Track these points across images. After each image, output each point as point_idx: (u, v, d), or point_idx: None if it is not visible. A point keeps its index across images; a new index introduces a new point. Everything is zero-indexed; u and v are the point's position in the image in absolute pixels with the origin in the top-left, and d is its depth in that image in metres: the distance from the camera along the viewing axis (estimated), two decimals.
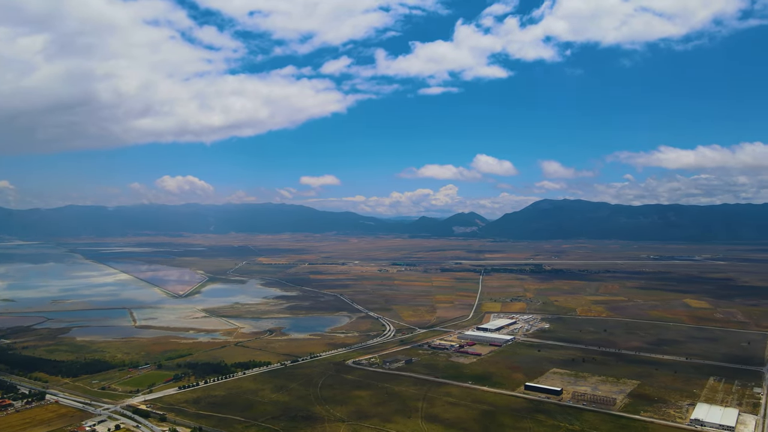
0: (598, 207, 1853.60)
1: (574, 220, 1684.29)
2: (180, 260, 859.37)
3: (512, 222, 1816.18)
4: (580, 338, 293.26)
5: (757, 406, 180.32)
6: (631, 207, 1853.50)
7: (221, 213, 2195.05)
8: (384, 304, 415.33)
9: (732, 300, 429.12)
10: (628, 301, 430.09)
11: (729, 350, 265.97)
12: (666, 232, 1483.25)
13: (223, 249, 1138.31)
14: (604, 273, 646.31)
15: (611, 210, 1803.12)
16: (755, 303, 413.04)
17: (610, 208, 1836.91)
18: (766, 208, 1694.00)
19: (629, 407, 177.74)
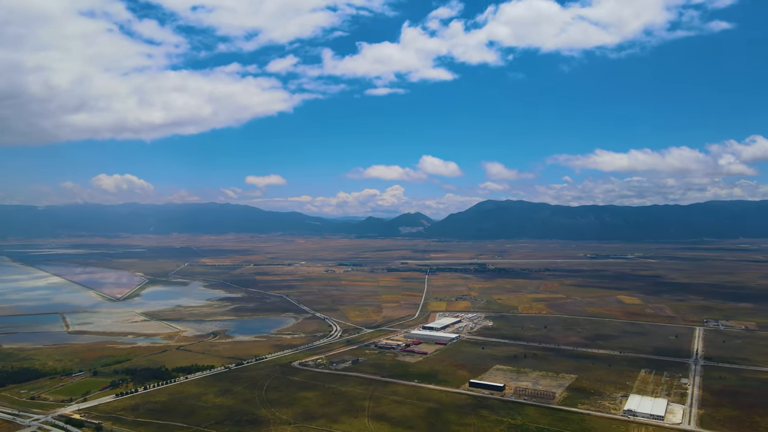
0: (539, 208, 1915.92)
1: (516, 221, 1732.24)
2: (118, 262, 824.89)
3: (457, 222, 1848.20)
4: (522, 335, 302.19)
5: (684, 396, 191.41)
6: (569, 208, 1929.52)
7: (162, 213, 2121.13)
8: (331, 304, 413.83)
9: (661, 296, 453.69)
10: (567, 298, 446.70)
11: (659, 343, 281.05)
12: (602, 232, 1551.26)
13: (164, 250, 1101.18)
14: (544, 271, 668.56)
15: (551, 210, 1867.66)
16: (682, 298, 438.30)
17: (551, 208, 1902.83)
18: (691, 209, 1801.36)
19: (568, 400, 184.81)
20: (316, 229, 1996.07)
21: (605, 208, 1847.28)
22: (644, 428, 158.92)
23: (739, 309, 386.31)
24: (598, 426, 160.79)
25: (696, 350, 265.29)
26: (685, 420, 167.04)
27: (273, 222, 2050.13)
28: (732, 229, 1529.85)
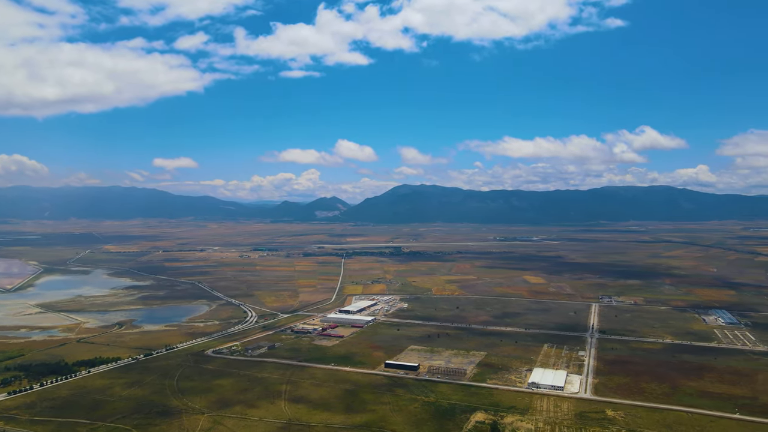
0: (452, 192, 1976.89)
1: (430, 205, 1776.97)
2: (7, 250, 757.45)
3: (373, 206, 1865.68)
4: (436, 316, 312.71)
5: (581, 367, 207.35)
6: (480, 192, 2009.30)
7: (58, 197, 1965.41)
8: (246, 290, 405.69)
9: (562, 275, 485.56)
10: (478, 279, 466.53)
11: (560, 319, 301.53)
12: (510, 216, 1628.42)
13: (61, 237, 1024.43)
14: (457, 254, 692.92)
15: (464, 195, 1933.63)
16: (580, 277, 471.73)
17: (463, 193, 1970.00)
18: (590, 193, 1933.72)
19: (478, 376, 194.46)
20: (230, 214, 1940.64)
21: (513, 192, 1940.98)
22: (546, 399, 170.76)
23: (629, 286, 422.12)
24: (505, 399, 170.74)
25: (592, 324, 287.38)
26: (582, 389, 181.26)
27: (184, 206, 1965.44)
28: (624, 212, 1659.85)
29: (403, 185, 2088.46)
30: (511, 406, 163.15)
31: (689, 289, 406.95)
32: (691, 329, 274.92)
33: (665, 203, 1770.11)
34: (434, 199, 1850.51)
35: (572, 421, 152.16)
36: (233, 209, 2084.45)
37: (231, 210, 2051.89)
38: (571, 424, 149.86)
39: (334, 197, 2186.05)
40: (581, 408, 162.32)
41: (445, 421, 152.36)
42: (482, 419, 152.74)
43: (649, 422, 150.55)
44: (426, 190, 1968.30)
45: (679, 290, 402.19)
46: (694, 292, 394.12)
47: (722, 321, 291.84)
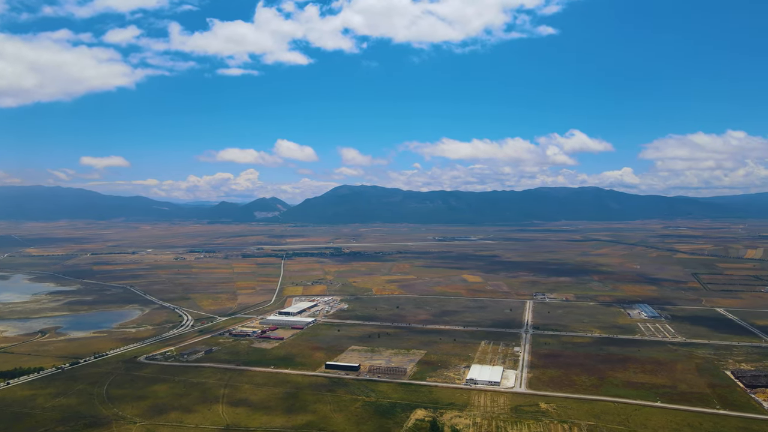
0: (392, 193, 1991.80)
1: (370, 205, 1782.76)
2: None
3: (313, 207, 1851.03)
4: (376, 315, 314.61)
5: (517, 362, 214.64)
6: (420, 193, 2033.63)
7: None
8: (181, 293, 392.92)
9: (498, 274, 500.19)
10: (417, 279, 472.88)
11: (496, 317, 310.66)
12: (449, 216, 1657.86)
13: None
14: (397, 254, 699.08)
15: (403, 195, 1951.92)
16: (515, 275, 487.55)
17: (403, 193, 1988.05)
18: (524, 194, 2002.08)
19: (418, 375, 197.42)
20: (165, 215, 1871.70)
21: (451, 193, 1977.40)
22: (483, 394, 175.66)
23: (561, 283, 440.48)
24: (444, 396, 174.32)
25: (527, 321, 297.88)
26: (517, 383, 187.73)
27: (114, 207, 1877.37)
28: (556, 212, 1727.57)
29: (343, 186, 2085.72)
30: (450, 403, 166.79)
31: (615, 285, 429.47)
32: (617, 323, 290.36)
33: (594, 204, 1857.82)
34: (374, 200, 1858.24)
35: (508, 415, 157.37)
36: (168, 210, 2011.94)
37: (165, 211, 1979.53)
38: (507, 418, 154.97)
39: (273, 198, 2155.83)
40: (517, 402, 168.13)
41: (386, 419, 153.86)
42: (422, 416, 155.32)
43: (579, 413, 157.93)
44: (366, 191, 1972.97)
45: (606, 286, 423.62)
46: (619, 287, 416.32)
47: (645, 315, 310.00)
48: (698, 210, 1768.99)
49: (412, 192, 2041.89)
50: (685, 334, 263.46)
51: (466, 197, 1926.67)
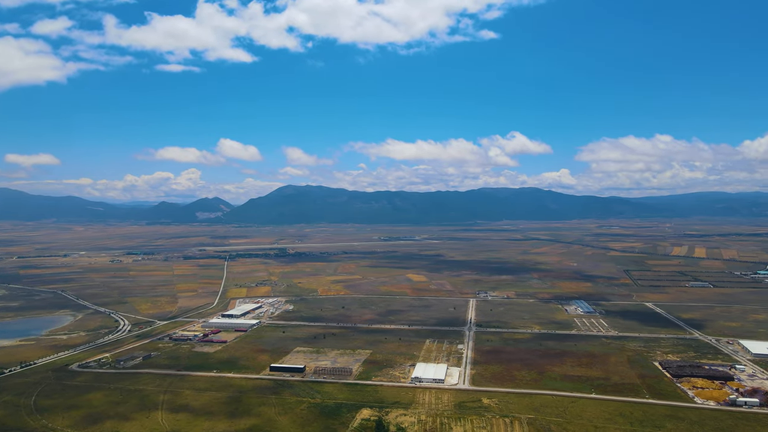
0: (338, 193, 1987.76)
1: (316, 205, 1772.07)
2: None
3: (258, 207, 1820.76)
4: (322, 316, 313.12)
5: (460, 360, 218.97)
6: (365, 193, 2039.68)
7: None
8: (118, 297, 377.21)
9: (442, 273, 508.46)
10: (363, 279, 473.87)
11: (441, 315, 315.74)
12: (394, 216, 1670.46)
13: None
14: (342, 254, 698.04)
15: (349, 196, 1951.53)
16: (459, 274, 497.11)
17: (348, 194, 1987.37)
18: (468, 195, 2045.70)
19: (363, 374, 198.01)
20: (99, 216, 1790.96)
21: (397, 193, 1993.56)
22: (428, 392, 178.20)
23: (502, 281, 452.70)
24: (390, 395, 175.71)
25: (470, 319, 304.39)
26: (460, 380, 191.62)
27: (43, 208, 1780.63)
28: (498, 212, 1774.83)
29: (288, 186, 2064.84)
30: (396, 402, 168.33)
31: (553, 282, 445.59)
32: (555, 319, 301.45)
33: (533, 204, 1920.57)
34: (320, 200, 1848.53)
35: (452, 411, 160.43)
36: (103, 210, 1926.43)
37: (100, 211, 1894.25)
38: (451, 414, 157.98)
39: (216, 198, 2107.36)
40: (460, 398, 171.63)
41: (332, 420, 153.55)
42: (368, 416, 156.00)
43: (520, 407, 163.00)
44: (312, 191, 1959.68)
45: (545, 284, 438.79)
46: (557, 285, 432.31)
47: (581, 310, 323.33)
48: (630, 210, 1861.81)
49: (358, 192, 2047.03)
50: (617, 328, 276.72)
51: (411, 197, 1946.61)
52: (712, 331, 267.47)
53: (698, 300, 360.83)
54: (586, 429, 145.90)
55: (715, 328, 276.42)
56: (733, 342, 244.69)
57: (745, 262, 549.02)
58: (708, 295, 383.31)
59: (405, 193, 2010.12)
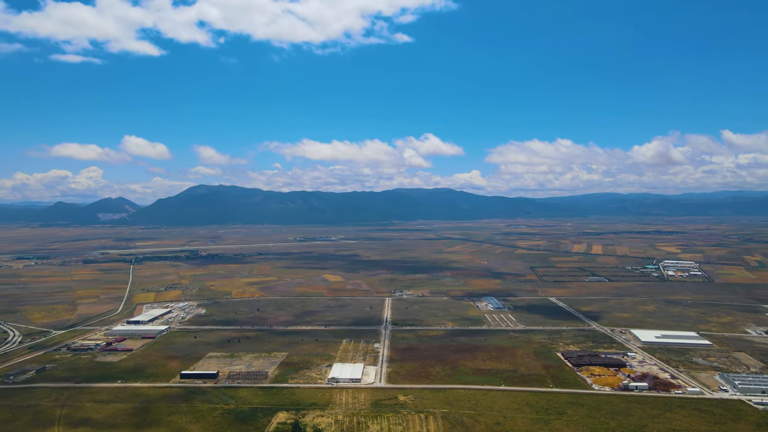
0: (252, 193, 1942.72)
1: (229, 206, 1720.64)
2: None
3: (167, 208, 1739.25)
4: (236, 319, 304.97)
5: (377, 358, 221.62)
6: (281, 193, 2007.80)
7: None
8: (7, 306, 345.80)
9: (358, 272, 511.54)
10: (279, 280, 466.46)
11: (357, 315, 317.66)
12: (310, 216, 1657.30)
13: None
14: (257, 255, 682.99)
15: (264, 196, 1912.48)
16: (375, 274, 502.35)
17: (263, 194, 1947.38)
18: (383, 195, 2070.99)
19: (279, 377, 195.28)
20: None
21: (313, 194, 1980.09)
22: (345, 392, 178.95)
23: (417, 279, 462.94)
24: (306, 396, 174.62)
25: (386, 317, 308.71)
26: (377, 379, 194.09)
27: None
28: (413, 212, 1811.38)
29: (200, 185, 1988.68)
30: (312, 403, 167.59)
31: (465, 280, 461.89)
32: (467, 315, 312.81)
33: (446, 204, 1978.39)
34: (233, 200, 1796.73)
35: (369, 410, 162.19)
36: None
37: None
38: (368, 413, 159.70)
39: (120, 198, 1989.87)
40: (377, 397, 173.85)
41: (247, 425, 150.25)
42: (284, 419, 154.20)
43: (434, 402, 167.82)
44: (225, 191, 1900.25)
45: (457, 281, 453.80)
46: (469, 282, 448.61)
47: (491, 306, 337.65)
48: (535, 209, 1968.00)
49: (273, 192, 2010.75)
50: (524, 322, 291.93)
51: (327, 198, 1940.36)
52: (607, 322, 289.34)
53: (595, 294, 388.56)
54: (496, 419, 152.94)
55: (610, 319, 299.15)
56: (625, 331, 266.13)
57: (635, 258, 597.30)
58: (604, 288, 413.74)
59: (321, 194, 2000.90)
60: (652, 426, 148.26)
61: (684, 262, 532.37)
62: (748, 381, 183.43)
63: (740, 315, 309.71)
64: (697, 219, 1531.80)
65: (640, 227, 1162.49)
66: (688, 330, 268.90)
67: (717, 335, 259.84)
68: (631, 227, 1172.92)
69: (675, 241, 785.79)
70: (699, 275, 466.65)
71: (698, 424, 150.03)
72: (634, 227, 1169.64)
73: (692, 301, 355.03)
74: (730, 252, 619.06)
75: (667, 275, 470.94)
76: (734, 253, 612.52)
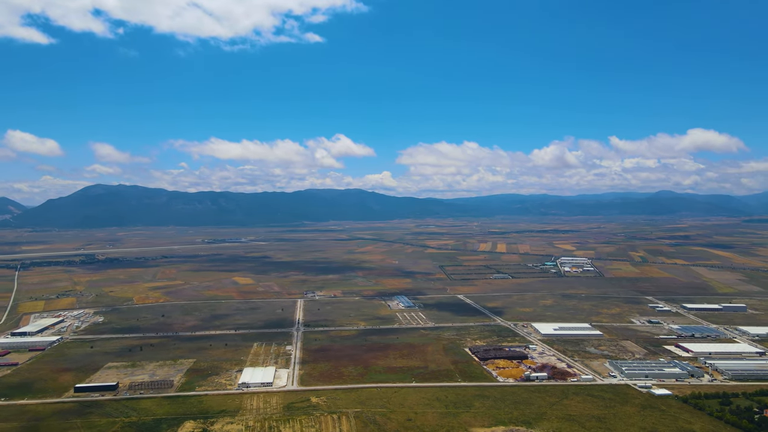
0: (156, 193, 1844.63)
1: (130, 207, 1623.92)
2: None
3: (58, 209, 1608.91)
4: (138, 326, 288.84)
5: (289, 361, 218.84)
6: (187, 193, 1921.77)
7: None
8: None
9: (269, 274, 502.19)
10: (185, 284, 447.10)
11: (268, 317, 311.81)
12: (219, 217, 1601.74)
13: None
14: (161, 259, 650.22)
15: (169, 196, 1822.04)
16: (286, 275, 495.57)
17: (168, 194, 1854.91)
18: (295, 195, 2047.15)
19: (186, 385, 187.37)
20: None
21: (221, 194, 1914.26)
22: (256, 397, 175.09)
23: (329, 280, 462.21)
24: (215, 404, 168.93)
25: (298, 319, 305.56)
26: (289, 381, 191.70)
27: None
28: (325, 213, 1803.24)
29: (97, 185, 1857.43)
30: (222, 410, 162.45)
31: (377, 279, 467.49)
32: (379, 314, 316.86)
33: (358, 204, 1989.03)
34: (135, 201, 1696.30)
35: (281, 413, 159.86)
36: None
37: None
38: (280, 417, 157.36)
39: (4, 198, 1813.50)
40: (289, 400, 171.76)
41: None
42: (191, 429, 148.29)
43: (347, 402, 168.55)
44: (125, 191, 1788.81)
45: (369, 281, 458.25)
46: (381, 282, 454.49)
47: (402, 305, 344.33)
48: (443, 210, 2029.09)
49: (179, 192, 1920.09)
50: (434, 319, 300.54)
51: (236, 198, 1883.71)
52: (511, 317, 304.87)
53: (500, 290, 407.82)
54: (407, 416, 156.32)
55: (513, 314, 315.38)
56: (527, 325, 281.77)
57: (536, 255, 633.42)
58: (508, 285, 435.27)
59: (230, 194, 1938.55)
60: (550, 413, 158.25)
61: (578, 259, 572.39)
62: (633, 367, 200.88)
63: (626, 306, 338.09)
64: (590, 218, 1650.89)
65: (540, 226, 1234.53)
66: (582, 322, 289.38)
67: (607, 326, 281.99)
68: (532, 226, 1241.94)
69: (571, 239, 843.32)
70: (591, 270, 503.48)
71: (591, 408, 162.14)
72: (534, 226, 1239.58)
73: (585, 295, 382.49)
74: (618, 249, 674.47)
75: (563, 271, 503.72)
76: (621, 249, 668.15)
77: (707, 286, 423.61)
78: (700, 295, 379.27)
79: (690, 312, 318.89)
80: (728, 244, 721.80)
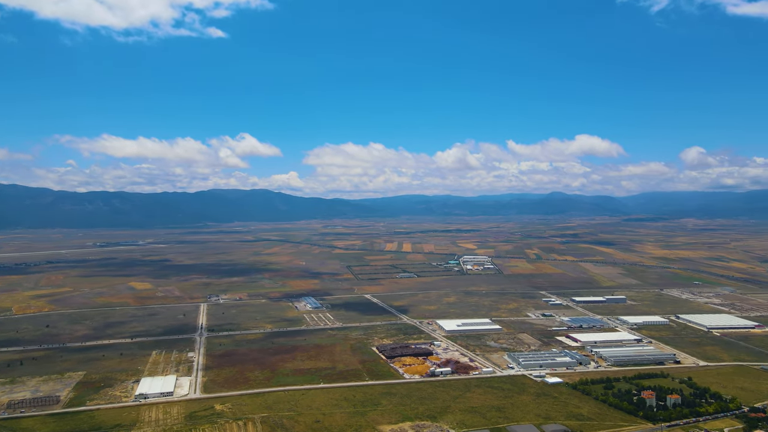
0: (40, 193, 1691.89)
1: (9, 208, 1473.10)
2: None
3: None
4: (18, 339, 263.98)
5: (191, 368, 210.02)
6: (76, 193, 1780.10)
7: None
8: None
9: (170, 278, 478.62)
10: (74, 291, 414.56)
11: (169, 323, 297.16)
12: (113, 219, 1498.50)
13: None
14: (46, 264, 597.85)
15: (55, 196, 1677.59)
16: (188, 279, 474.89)
17: (54, 194, 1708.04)
18: (197, 196, 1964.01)
19: (75, 400, 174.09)
20: None
21: (116, 194, 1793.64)
22: (155, 408, 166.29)
23: (234, 283, 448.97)
24: (109, 418, 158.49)
25: (201, 324, 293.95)
26: (191, 389, 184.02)
27: None
28: (230, 214, 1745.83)
29: None
30: (116, 425, 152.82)
31: (284, 281, 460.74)
32: (286, 316, 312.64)
33: (264, 205, 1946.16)
34: (14, 201, 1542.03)
35: (183, 424, 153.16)
36: None
37: None
38: (182, 427, 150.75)
39: None
40: (191, 408, 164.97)
41: None
42: None
43: (253, 407, 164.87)
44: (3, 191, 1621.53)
45: (276, 283, 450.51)
46: (288, 283, 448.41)
47: (309, 306, 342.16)
48: (351, 210, 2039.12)
49: (67, 192, 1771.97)
50: (341, 319, 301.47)
51: (133, 198, 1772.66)
52: (416, 315, 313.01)
53: (406, 289, 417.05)
54: (315, 417, 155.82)
55: (418, 312, 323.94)
56: (432, 322, 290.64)
57: (440, 254, 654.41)
58: (413, 284, 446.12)
59: (126, 194, 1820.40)
60: (454, 406, 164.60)
61: (479, 257, 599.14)
62: (529, 358, 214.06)
63: (523, 301, 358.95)
64: (490, 218, 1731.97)
65: (444, 226, 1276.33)
66: (483, 317, 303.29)
67: (506, 320, 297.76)
68: (436, 226, 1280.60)
69: (472, 238, 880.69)
70: (491, 268, 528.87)
71: (491, 399, 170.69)
72: (438, 226, 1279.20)
73: (486, 292, 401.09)
74: (515, 247, 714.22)
75: (466, 269, 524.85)
76: (518, 247, 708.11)
77: (593, 280, 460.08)
78: (587, 289, 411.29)
79: (578, 305, 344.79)
80: (610, 241, 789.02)
